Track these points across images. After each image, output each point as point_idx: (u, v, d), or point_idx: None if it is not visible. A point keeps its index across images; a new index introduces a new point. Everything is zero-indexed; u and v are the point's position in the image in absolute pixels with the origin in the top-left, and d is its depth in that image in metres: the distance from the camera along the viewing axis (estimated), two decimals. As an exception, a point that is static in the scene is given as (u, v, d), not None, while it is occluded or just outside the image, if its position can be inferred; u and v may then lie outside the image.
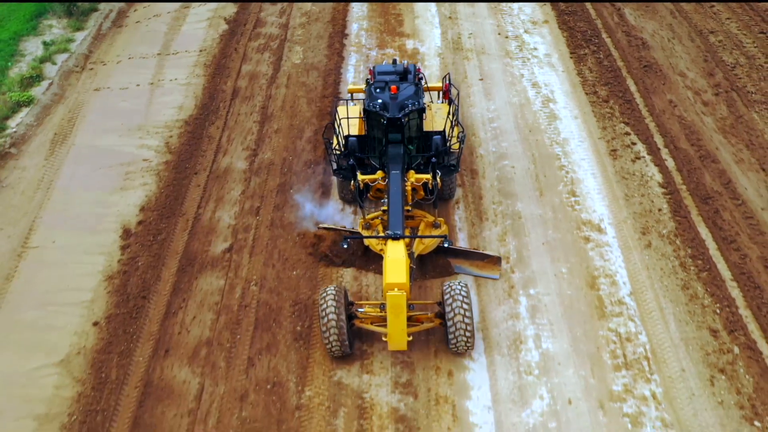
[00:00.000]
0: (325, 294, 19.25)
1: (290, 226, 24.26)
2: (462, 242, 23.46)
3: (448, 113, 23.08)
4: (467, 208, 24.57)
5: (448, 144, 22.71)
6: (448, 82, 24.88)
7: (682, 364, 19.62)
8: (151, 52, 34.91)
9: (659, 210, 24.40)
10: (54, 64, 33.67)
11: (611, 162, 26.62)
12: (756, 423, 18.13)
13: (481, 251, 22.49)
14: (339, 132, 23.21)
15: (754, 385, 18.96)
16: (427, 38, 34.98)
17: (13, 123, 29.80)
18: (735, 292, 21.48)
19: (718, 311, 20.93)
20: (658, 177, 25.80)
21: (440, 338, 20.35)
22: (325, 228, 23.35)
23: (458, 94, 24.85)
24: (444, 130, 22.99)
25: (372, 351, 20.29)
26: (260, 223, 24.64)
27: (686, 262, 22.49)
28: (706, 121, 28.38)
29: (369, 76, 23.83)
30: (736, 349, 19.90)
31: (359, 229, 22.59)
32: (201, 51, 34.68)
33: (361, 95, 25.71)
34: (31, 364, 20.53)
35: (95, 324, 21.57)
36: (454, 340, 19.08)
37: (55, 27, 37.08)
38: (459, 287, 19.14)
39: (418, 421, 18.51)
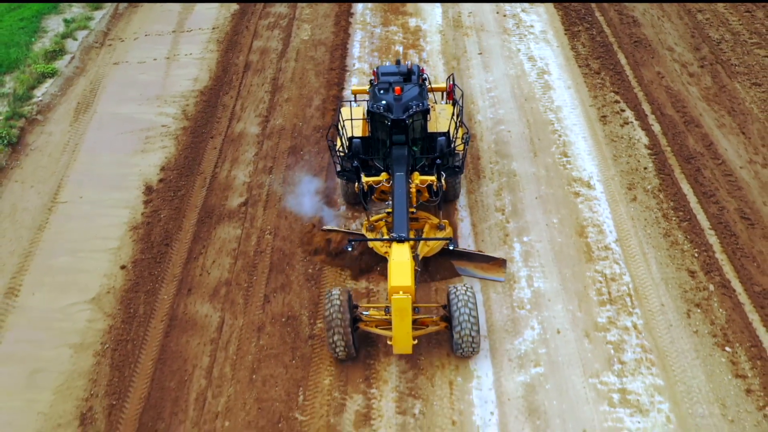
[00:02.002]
0: (329, 296, 19.04)
1: (302, 183, 25.99)
2: (461, 198, 25.22)
3: (453, 114, 23.18)
4: (466, 167, 26.35)
5: (452, 145, 22.66)
6: (452, 82, 24.82)
7: (661, 299, 21.44)
8: (166, 29, 36.79)
9: (645, 168, 26.25)
10: (75, 39, 35.55)
11: (601, 127, 28.49)
12: (727, 349, 19.96)
13: (485, 253, 22.35)
14: (343, 133, 23.15)
15: (726, 318, 20.79)
16: (429, 16, 36.87)
17: (38, 92, 31.69)
18: (712, 239, 23.31)
19: (696, 255, 22.76)
20: (645, 140, 27.65)
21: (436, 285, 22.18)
22: (329, 230, 23.21)
23: (462, 95, 24.56)
24: (448, 131, 22.86)
25: (378, 289, 22.10)
26: (273, 181, 26.47)
27: (668, 213, 24.32)
28: (691, 90, 30.25)
29: (372, 77, 23.96)
30: (712, 287, 21.72)
31: (363, 231, 22.40)
32: (214, 28, 36.57)
33: (364, 96, 25.72)
34: (65, 301, 22.36)
35: (122, 267, 23.39)
36: (460, 345, 19.01)
37: (74, 6, 38.93)
38: (465, 290, 18.95)
39: (420, 347, 20.26)
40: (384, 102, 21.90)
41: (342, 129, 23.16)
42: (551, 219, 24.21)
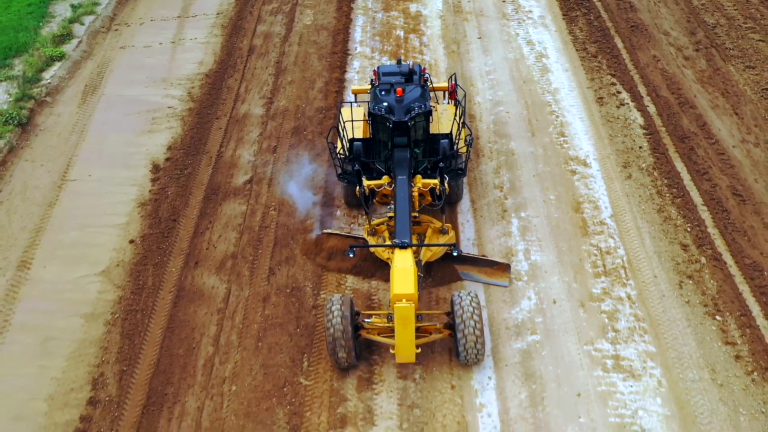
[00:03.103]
0: (330, 303, 18.62)
1: (305, 162, 26.69)
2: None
3: (455, 115, 22.70)
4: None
5: (455, 147, 22.25)
6: (454, 82, 24.36)
7: (654, 271, 22.13)
8: (171, 15, 37.46)
9: (640, 147, 26.94)
10: (82, 24, 36.23)
11: (598, 108, 29.17)
12: (717, 317, 20.67)
13: (489, 258, 22.08)
14: (343, 135, 22.72)
15: (717, 288, 21.48)
16: (429, 2, 37.53)
17: (47, 75, 32.41)
18: (705, 215, 23.99)
19: (688, 230, 23.45)
20: (640, 120, 28.34)
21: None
22: (330, 233, 23.01)
23: (465, 95, 24.02)
24: (451, 133, 22.51)
25: (376, 266, 22.78)
26: (277, 159, 27.16)
27: (662, 190, 25.01)
28: (686, 73, 30.92)
29: (373, 77, 23.70)
30: (703, 260, 22.41)
31: (364, 235, 22.10)
32: (218, 14, 37.24)
33: (364, 95, 25.52)
34: (76, 273, 23.04)
35: (131, 242, 24.10)
36: (465, 353, 18.59)
37: (81, -9, 39.62)
38: (469, 297, 18.55)
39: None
40: (385, 104, 21.49)
41: (342, 131, 22.76)
42: (548, 196, 24.87)
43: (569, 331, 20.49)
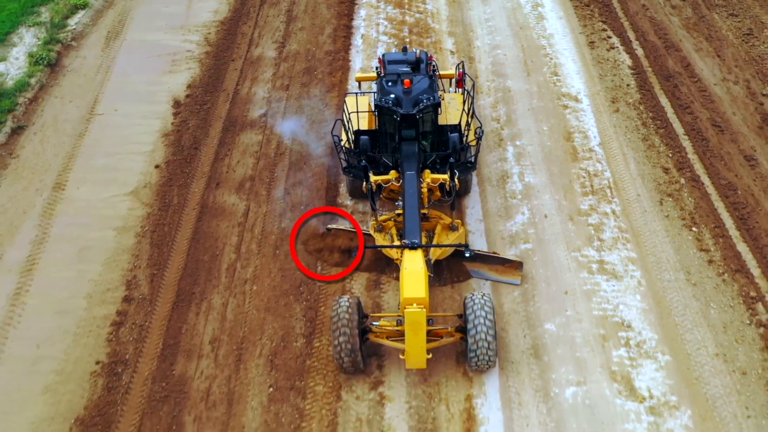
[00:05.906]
0: (337, 305, 17.91)
1: (315, 98, 28.77)
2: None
3: (464, 106, 22.28)
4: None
5: (464, 140, 21.55)
6: (462, 70, 23.85)
7: (637, 191, 24.23)
8: (187, -32, 39.31)
9: (627, 85, 29.00)
10: (102, -24, 38.14)
11: (589, 51, 31.21)
12: (693, 229, 22.78)
13: (501, 255, 21.32)
14: (349, 127, 21.88)
15: (694, 205, 23.60)
16: (432, -44, 39.31)
17: (72, 22, 34.45)
18: (686, 143, 26.07)
19: (670, 155, 25.55)
20: (629, 62, 30.38)
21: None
22: (335, 229, 22.58)
23: (474, 84, 23.94)
24: (459, 124, 21.99)
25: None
26: (290, 96, 29.25)
27: (647, 122, 27.09)
28: (673, 20, 32.94)
29: (378, 65, 23.22)
30: (683, 181, 24.51)
31: (371, 232, 21.34)
32: (231, -33, 39.12)
33: (367, 83, 25.42)
34: (107, 193, 25.12)
35: (157, 166, 26.19)
36: (475, 358, 17.62)
37: (100, -53, 41.41)
38: (482, 300, 17.72)
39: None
40: (393, 96, 20.59)
41: (348, 122, 21.85)
42: (542, 127, 26.94)
43: (559, 240, 22.57)
